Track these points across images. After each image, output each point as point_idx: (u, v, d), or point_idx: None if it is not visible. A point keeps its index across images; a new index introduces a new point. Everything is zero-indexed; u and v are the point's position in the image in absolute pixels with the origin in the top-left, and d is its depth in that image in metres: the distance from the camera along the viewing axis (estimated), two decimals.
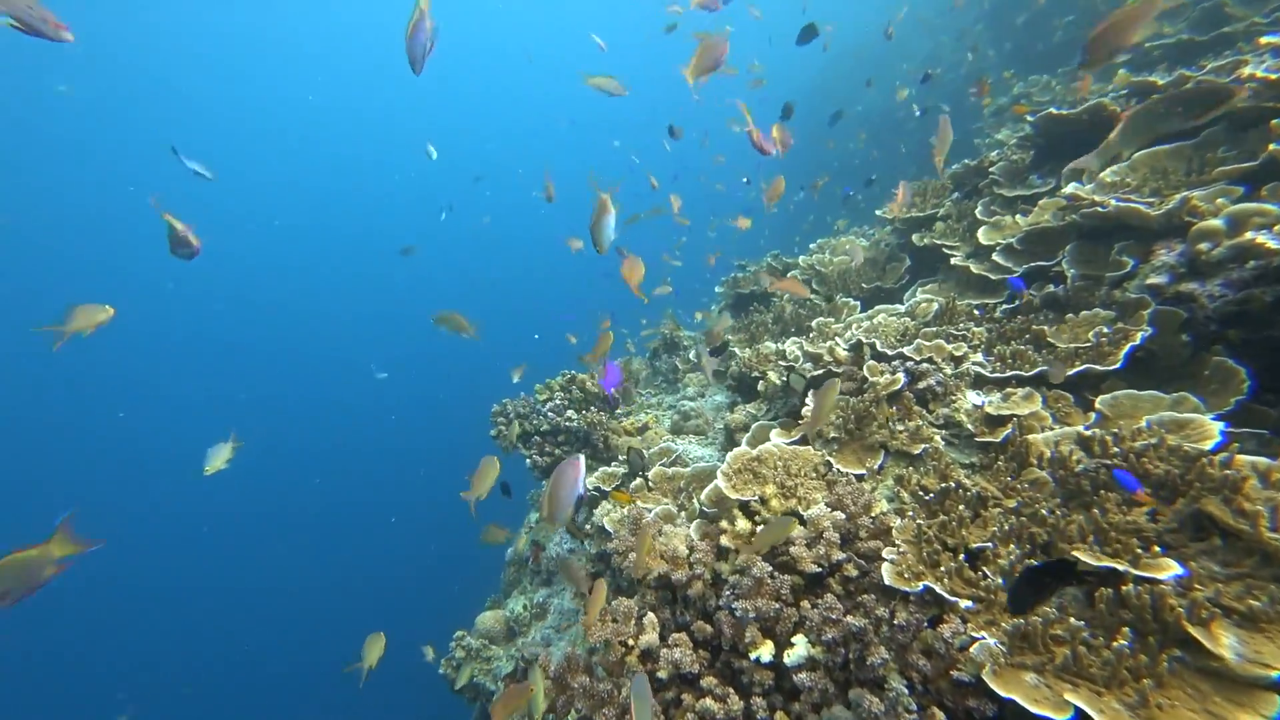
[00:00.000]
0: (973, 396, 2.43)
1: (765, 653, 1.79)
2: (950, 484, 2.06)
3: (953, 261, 3.67)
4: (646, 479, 3.40)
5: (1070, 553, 1.72)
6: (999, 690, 1.45)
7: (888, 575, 1.79)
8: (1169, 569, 1.51)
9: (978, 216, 3.90)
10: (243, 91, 31.50)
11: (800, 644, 1.75)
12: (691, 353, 4.80)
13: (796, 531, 2.01)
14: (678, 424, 4.00)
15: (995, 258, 3.50)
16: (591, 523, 3.22)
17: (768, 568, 1.89)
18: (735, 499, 2.20)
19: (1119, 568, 1.57)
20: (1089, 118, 3.76)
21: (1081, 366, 2.43)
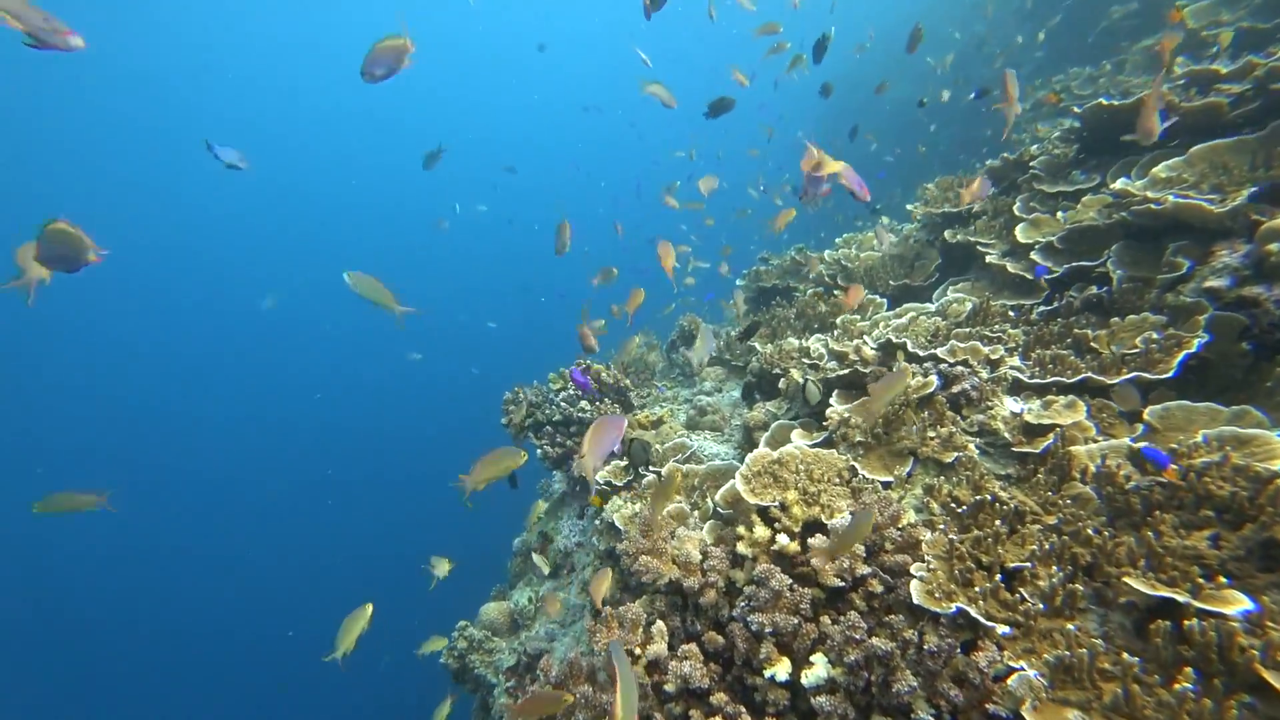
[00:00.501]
0: (1010, 403, 2.27)
1: (781, 671, 1.65)
2: (985, 496, 1.90)
3: (988, 260, 3.48)
4: (657, 473, 3.27)
5: (1119, 578, 1.56)
6: None
7: (917, 594, 1.64)
8: (1237, 603, 1.35)
9: (1015, 213, 3.70)
10: (237, 90, 31.58)
11: (820, 664, 1.62)
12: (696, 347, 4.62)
13: (818, 542, 1.87)
14: (693, 419, 3.86)
15: (1034, 256, 3.31)
16: (601, 519, 3.11)
17: (787, 580, 1.75)
18: (753, 504, 2.07)
19: (1178, 598, 1.42)
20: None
21: (1130, 374, 2.25)
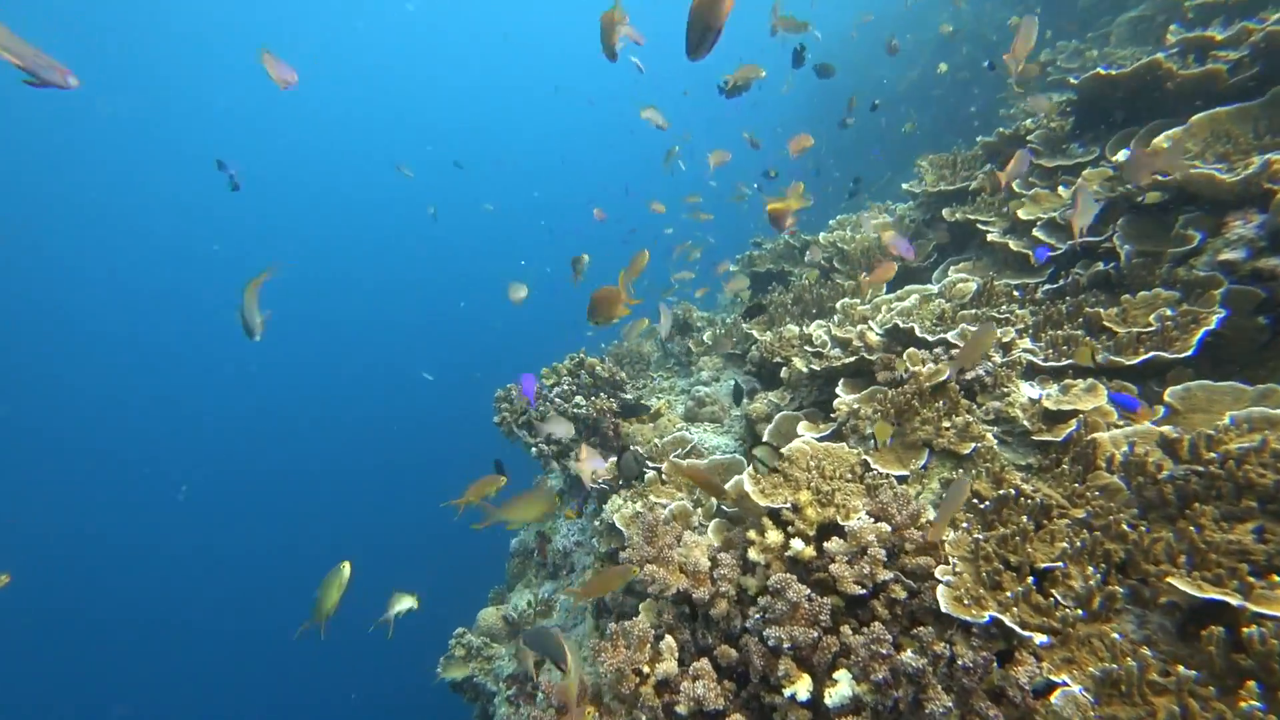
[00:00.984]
0: (1028, 389, 2.15)
1: (802, 689, 1.54)
2: (1008, 491, 1.78)
3: (989, 238, 3.35)
4: (657, 469, 3.15)
5: (1159, 577, 1.45)
6: None
7: (944, 601, 1.52)
8: None
9: (1014, 189, 3.57)
10: (236, 89, 30.79)
11: (844, 681, 1.50)
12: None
13: (834, 546, 1.75)
14: (692, 410, 3.73)
15: (1036, 233, 3.19)
16: (601, 519, 2.98)
17: (804, 590, 1.63)
18: (764, 506, 1.94)
19: (1230, 600, 1.30)
20: (1139, 80, 3.41)
21: (1148, 354, 2.14)
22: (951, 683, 1.41)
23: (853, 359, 2.63)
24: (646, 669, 1.72)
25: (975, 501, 1.85)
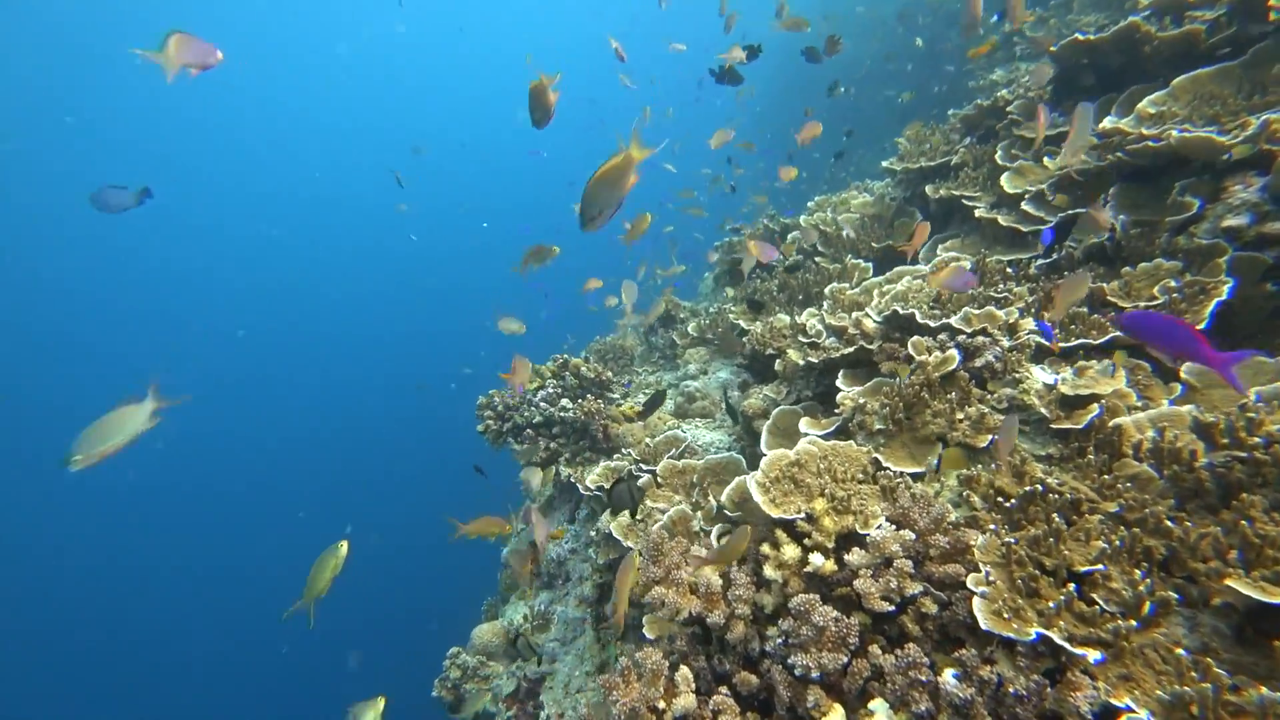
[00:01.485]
0: (1040, 373, 2.01)
1: None
2: (1034, 487, 1.65)
3: (977, 214, 3.22)
4: (652, 472, 2.98)
5: (1212, 577, 1.33)
6: None
7: (983, 615, 1.38)
8: None
9: (998, 161, 3.44)
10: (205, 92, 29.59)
11: (881, 712, 1.35)
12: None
13: (857, 558, 1.60)
14: (682, 406, 3.57)
15: (1025, 207, 3.06)
16: (598, 529, 2.81)
17: (831, 613, 1.48)
18: (776, 517, 1.78)
19: None
20: (1119, 44, 3.29)
21: None
22: (1001, 710, 1.27)
23: (852, 349, 2.48)
24: (663, 704, 1.56)
25: (997, 498, 1.72)
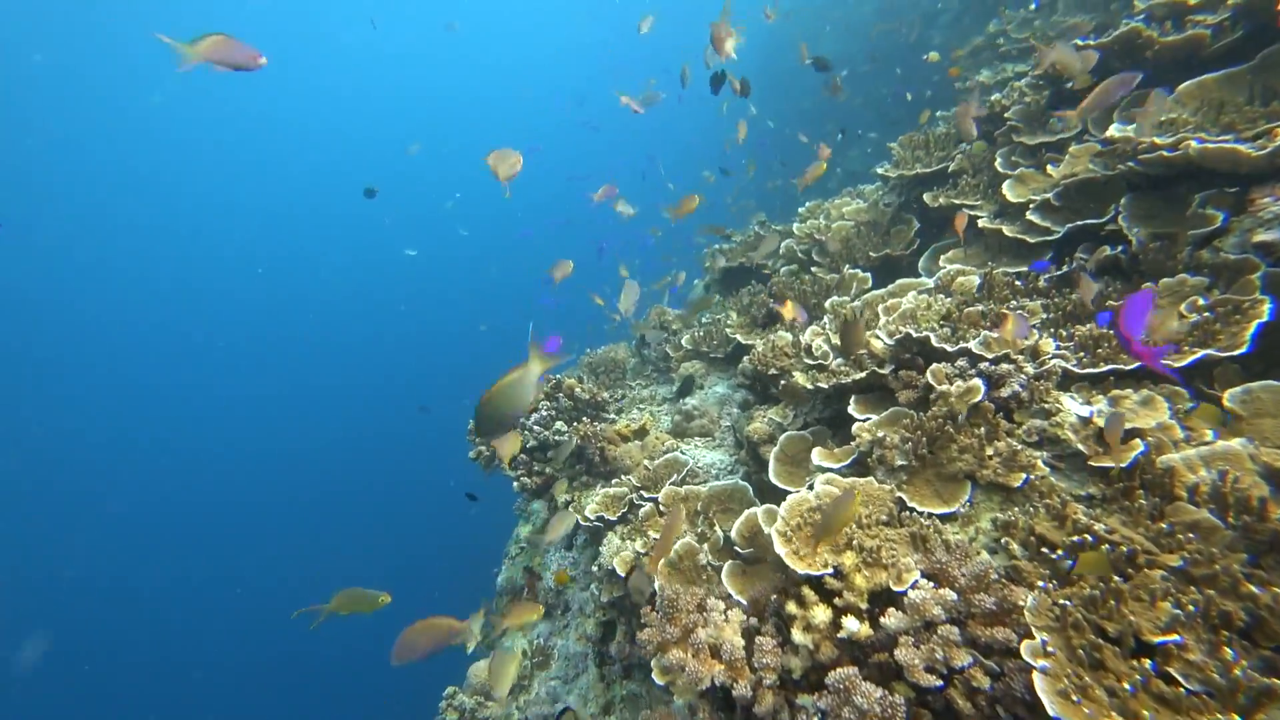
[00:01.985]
0: (1073, 404, 1.85)
1: None
2: (1083, 536, 1.48)
3: (980, 224, 3.06)
4: (654, 500, 2.79)
5: None
6: None
7: (1048, 698, 1.21)
8: None
9: (998, 169, 3.29)
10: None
11: None
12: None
13: (894, 622, 1.42)
14: (679, 425, 3.37)
15: (1031, 217, 2.91)
16: (599, 564, 2.61)
17: (875, 692, 1.30)
18: (802, 573, 1.60)
19: None
20: (1120, 49, 3.15)
21: (1199, 354, 1.86)
22: None
23: (863, 374, 2.30)
24: None
25: (1041, 548, 1.55)
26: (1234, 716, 1.09)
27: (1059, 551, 1.49)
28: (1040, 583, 1.45)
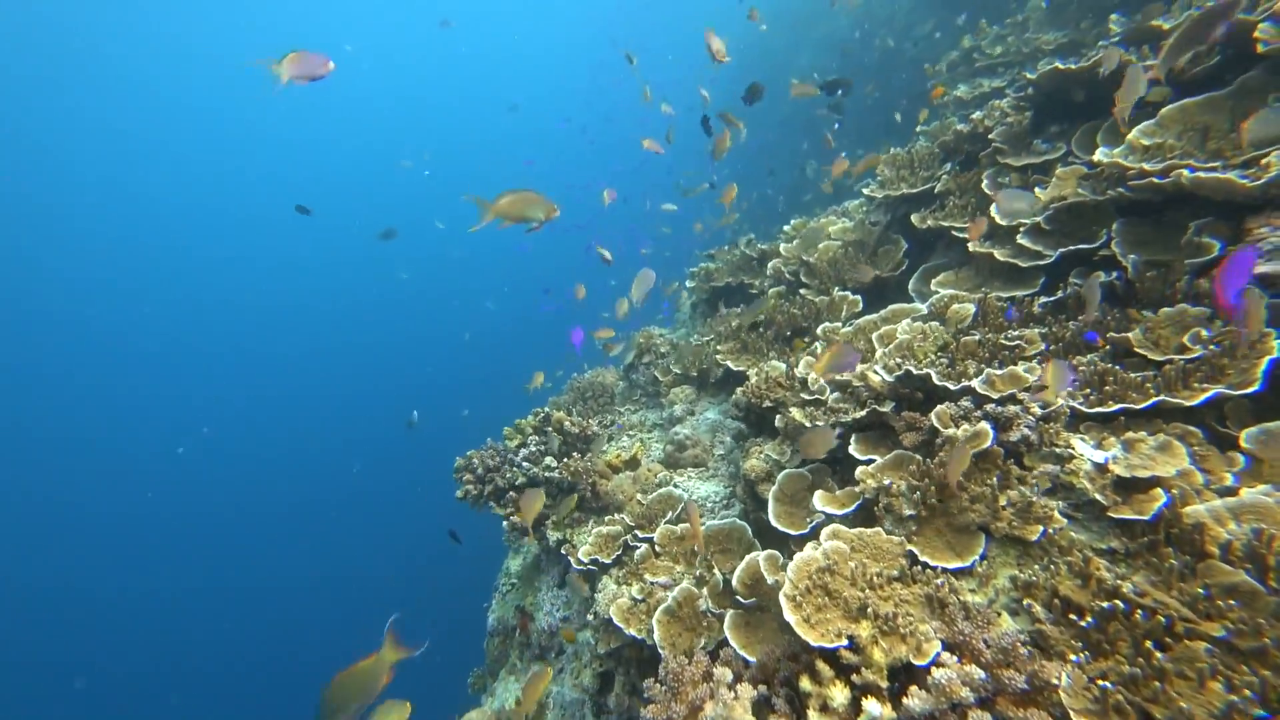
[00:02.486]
0: (1086, 449, 1.73)
1: None
2: (1114, 602, 1.36)
3: (970, 248, 2.96)
4: (650, 540, 2.64)
5: None
6: None
7: None
8: None
9: (985, 190, 3.20)
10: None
11: None
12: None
13: (918, 704, 1.28)
14: (671, 455, 3.23)
15: (1021, 240, 2.81)
16: (595, 613, 2.45)
17: None
18: (815, 645, 1.45)
19: None
20: (1101, 72, 3.07)
21: (1212, 391, 1.75)
22: None
23: (863, 412, 2.17)
24: None
25: (1068, 613, 1.42)
26: None
27: (1088, 619, 1.37)
28: (1073, 656, 1.32)
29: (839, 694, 1.36)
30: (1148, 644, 1.28)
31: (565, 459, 2.97)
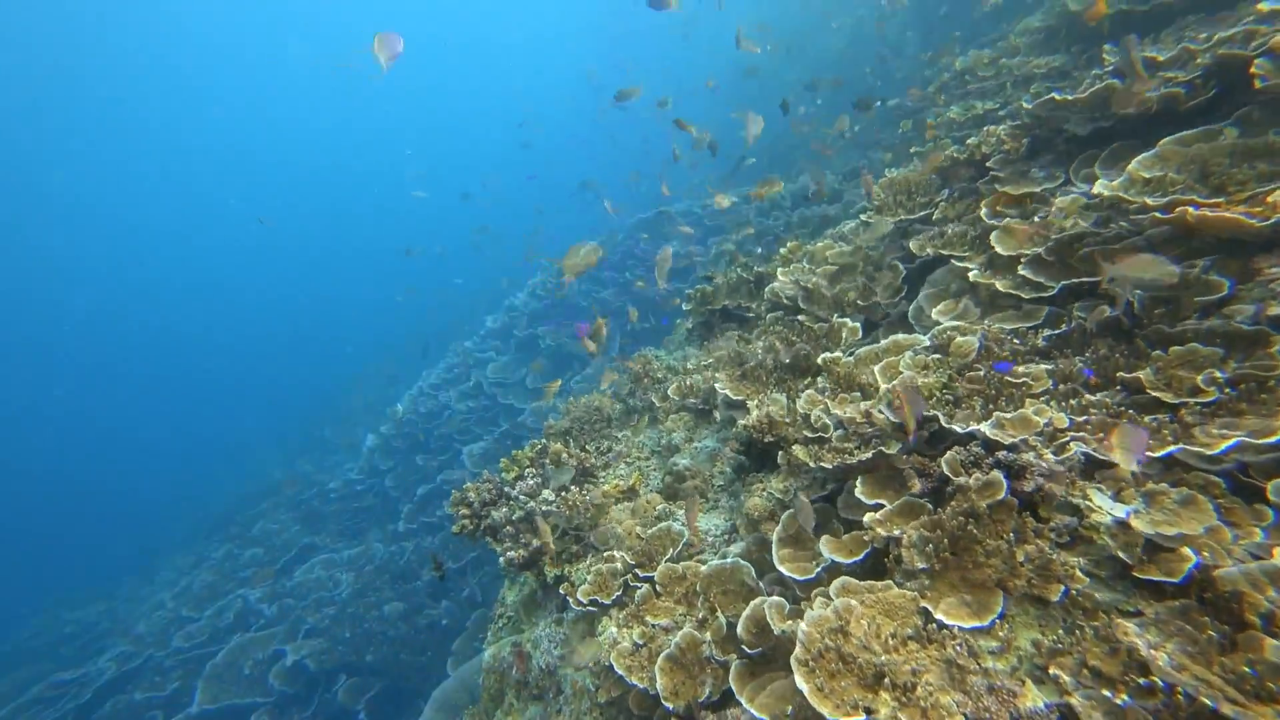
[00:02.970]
0: (1105, 501, 1.62)
1: None
2: (1152, 678, 1.24)
3: (971, 277, 2.87)
4: (650, 579, 2.52)
5: None
6: None
7: None
8: None
9: (984, 219, 3.11)
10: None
11: None
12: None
13: None
14: (671, 487, 3.10)
15: (1023, 271, 2.72)
16: (596, 660, 2.32)
17: None
18: (830, 718, 1.33)
19: None
20: (1095, 104, 3.01)
21: (1235, 439, 1.65)
22: None
23: (869, 454, 2.06)
24: None
25: (1101, 688, 1.31)
26: None
27: (1123, 696, 1.26)
28: None
29: None
30: None
31: (563, 494, 2.85)
